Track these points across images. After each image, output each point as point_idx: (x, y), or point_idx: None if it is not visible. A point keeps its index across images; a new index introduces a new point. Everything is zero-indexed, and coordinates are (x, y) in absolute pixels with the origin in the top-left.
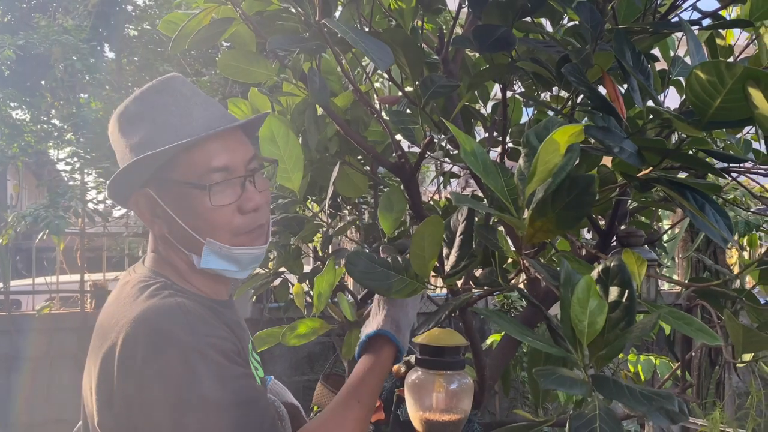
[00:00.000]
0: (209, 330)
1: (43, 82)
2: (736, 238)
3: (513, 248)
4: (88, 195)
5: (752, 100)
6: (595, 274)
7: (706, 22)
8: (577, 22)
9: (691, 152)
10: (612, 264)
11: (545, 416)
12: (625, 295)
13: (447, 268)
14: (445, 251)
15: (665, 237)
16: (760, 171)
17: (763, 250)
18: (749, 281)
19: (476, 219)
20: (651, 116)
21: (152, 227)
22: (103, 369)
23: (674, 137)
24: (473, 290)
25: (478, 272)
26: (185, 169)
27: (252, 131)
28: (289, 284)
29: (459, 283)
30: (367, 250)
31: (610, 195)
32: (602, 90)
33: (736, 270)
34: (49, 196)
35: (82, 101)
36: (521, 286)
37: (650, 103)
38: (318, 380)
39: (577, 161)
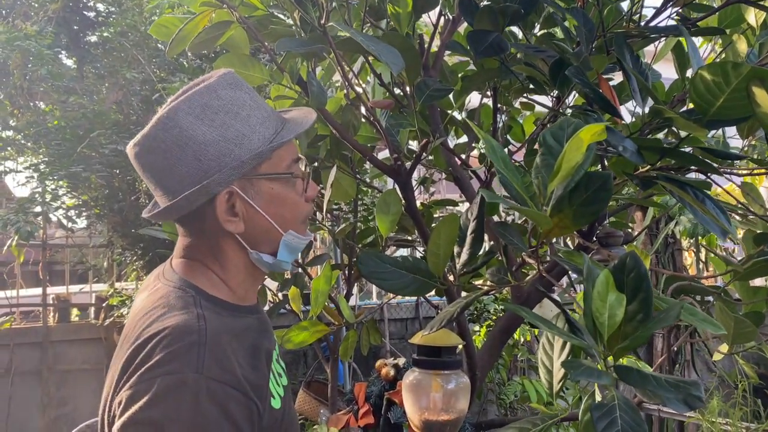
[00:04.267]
0: (222, 374)
1: None
2: (693, 239)
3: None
4: (55, 203)
5: (755, 98)
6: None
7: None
8: (549, 31)
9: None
10: (627, 258)
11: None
12: (642, 287)
13: (458, 266)
14: (456, 249)
15: None
16: (737, 172)
17: (719, 251)
18: (712, 280)
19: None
20: (653, 116)
21: (226, 225)
22: (119, 377)
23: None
24: (487, 289)
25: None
26: (274, 163)
27: None
28: (267, 290)
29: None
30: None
31: None
32: None
33: (692, 271)
34: (17, 201)
35: (48, 110)
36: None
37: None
38: (297, 388)
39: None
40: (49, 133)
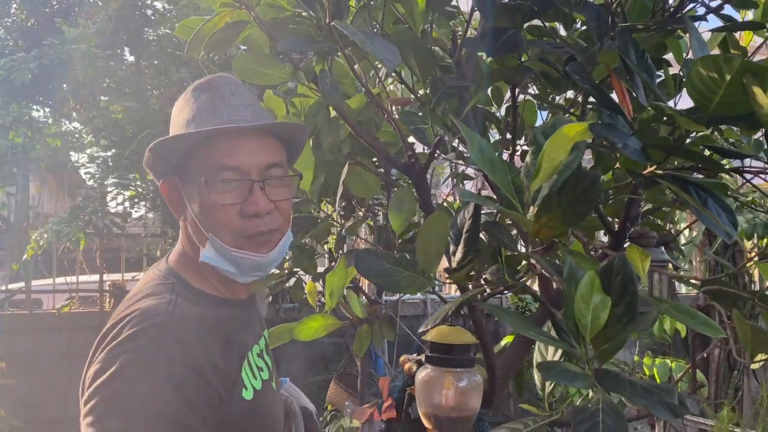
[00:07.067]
0: (183, 357)
1: (65, 86)
2: (755, 240)
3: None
4: (109, 200)
5: (752, 94)
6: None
7: (712, 16)
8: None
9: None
10: (615, 260)
11: (552, 413)
12: (628, 290)
13: (453, 264)
14: (451, 248)
15: (682, 239)
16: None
17: None
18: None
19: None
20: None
21: (176, 215)
22: (92, 353)
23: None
24: (481, 288)
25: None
26: (201, 162)
27: (290, 139)
28: (303, 284)
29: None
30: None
31: (623, 195)
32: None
33: (756, 276)
34: (70, 209)
35: (111, 107)
36: (534, 285)
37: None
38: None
39: (593, 162)
40: (107, 127)
